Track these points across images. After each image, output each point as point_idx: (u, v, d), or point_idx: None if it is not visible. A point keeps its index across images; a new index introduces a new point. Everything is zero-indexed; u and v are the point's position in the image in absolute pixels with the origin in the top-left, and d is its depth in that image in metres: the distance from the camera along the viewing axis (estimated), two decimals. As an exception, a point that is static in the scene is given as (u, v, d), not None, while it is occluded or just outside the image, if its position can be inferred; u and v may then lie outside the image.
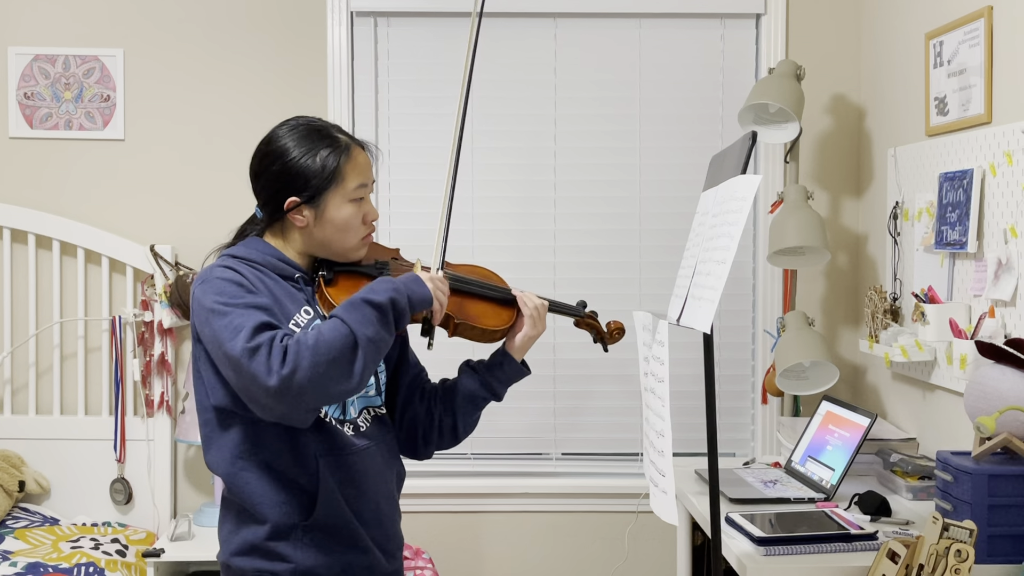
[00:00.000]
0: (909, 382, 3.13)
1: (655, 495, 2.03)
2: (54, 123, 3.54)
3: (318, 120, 2.06)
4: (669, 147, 3.61)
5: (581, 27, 3.60)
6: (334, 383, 1.81)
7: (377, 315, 1.86)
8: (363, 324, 1.84)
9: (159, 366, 3.48)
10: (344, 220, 1.99)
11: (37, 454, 3.49)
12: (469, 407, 2.15)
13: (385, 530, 2.07)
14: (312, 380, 1.78)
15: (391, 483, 2.11)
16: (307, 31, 3.57)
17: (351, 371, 1.82)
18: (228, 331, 1.82)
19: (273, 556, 1.95)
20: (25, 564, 2.97)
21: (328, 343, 1.80)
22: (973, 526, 2.01)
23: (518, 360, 2.16)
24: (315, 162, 1.97)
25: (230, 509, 2.01)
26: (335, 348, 1.80)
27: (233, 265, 1.96)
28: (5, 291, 3.51)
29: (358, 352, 1.82)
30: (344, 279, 2.05)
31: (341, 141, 2.01)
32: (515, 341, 2.15)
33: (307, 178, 1.97)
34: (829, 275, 3.60)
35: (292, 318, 1.96)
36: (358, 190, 2.00)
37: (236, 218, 3.64)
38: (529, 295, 2.16)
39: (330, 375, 1.79)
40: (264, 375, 1.77)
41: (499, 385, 2.16)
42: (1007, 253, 2.52)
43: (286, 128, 2.03)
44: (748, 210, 1.87)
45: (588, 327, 2.31)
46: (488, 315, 2.14)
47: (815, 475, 2.80)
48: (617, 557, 3.63)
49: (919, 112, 3.08)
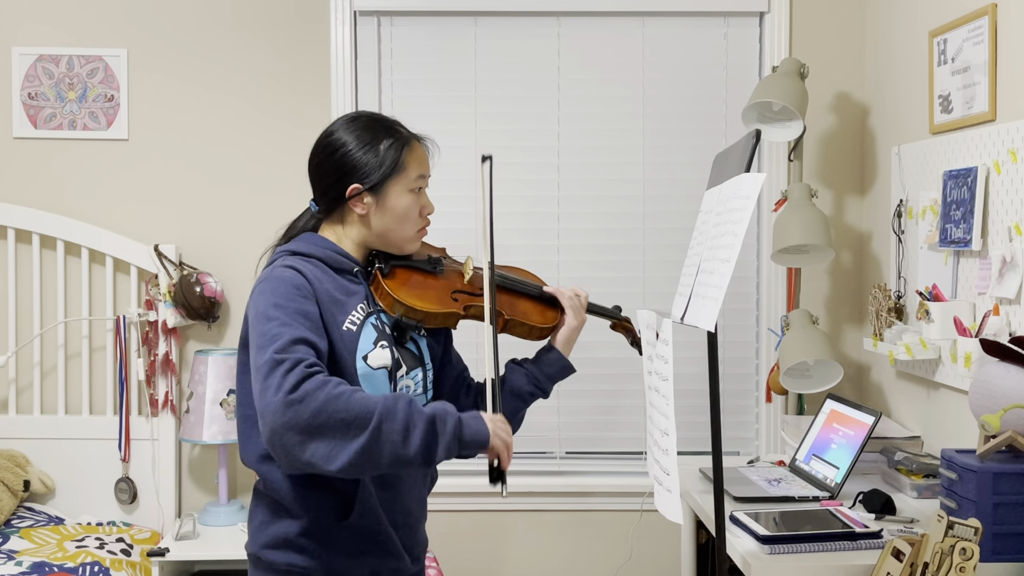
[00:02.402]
0: (913, 380, 3.12)
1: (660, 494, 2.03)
2: (58, 123, 3.54)
3: (377, 114, 2.09)
4: (673, 145, 3.61)
5: (584, 26, 3.60)
6: (321, 443, 1.74)
7: (412, 424, 1.78)
8: (392, 418, 1.77)
9: (163, 366, 3.48)
10: (404, 209, 2.02)
11: (42, 454, 3.50)
12: (517, 403, 2.17)
13: (414, 533, 2.09)
14: (308, 423, 1.73)
15: (423, 487, 2.12)
16: (310, 30, 3.57)
17: (344, 446, 1.74)
18: (266, 338, 1.82)
19: (305, 552, 1.96)
20: (30, 563, 2.98)
21: (348, 404, 1.76)
22: (978, 524, 2.01)
23: (565, 355, 2.20)
24: (378, 151, 2.00)
25: (262, 501, 2.01)
26: (351, 413, 1.75)
27: (294, 264, 1.96)
28: (10, 291, 3.52)
29: (365, 433, 1.75)
30: (401, 272, 2.08)
31: (402, 132, 2.05)
32: (560, 336, 2.20)
33: (370, 166, 2.00)
34: (833, 273, 3.60)
35: (348, 314, 1.96)
36: (418, 180, 2.03)
37: (240, 217, 3.65)
38: (563, 287, 2.25)
39: (324, 431, 1.74)
40: (274, 388, 1.75)
41: (546, 381, 2.18)
42: (1011, 251, 2.52)
43: (346, 119, 2.06)
44: (752, 208, 1.87)
45: (624, 331, 2.37)
46: (535, 313, 2.19)
47: (819, 473, 2.80)
48: (621, 555, 3.63)
49: (923, 110, 3.08)
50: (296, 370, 1.76)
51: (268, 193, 3.56)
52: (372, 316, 1.99)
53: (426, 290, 2.07)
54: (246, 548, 2.05)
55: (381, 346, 1.97)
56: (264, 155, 3.57)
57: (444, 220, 3.06)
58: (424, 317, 2.04)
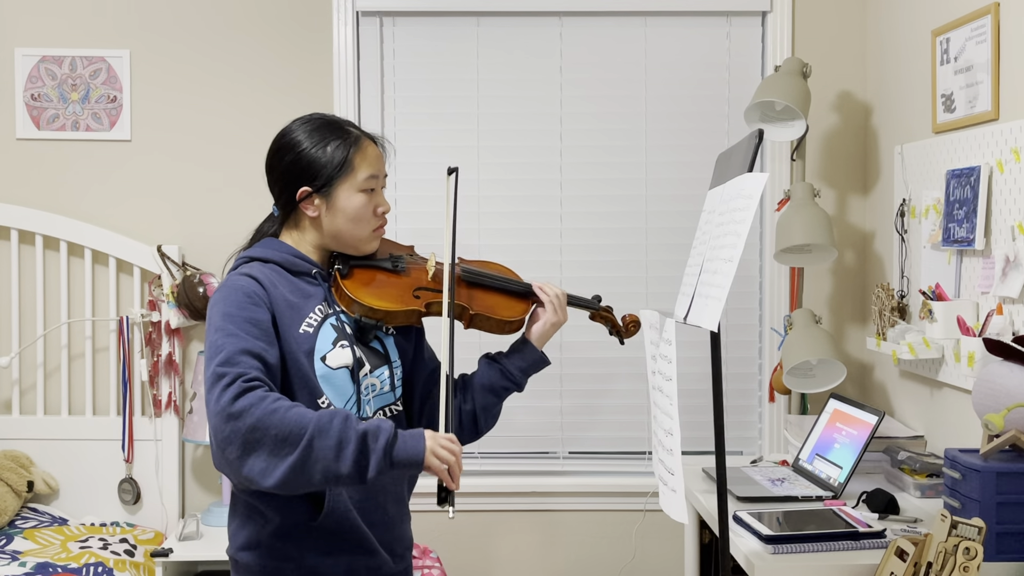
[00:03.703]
0: (917, 380, 3.12)
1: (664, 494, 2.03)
2: (61, 124, 3.55)
3: (330, 115, 2.09)
4: (675, 145, 3.61)
5: (586, 26, 3.60)
6: (258, 459, 1.76)
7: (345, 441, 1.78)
8: (325, 435, 1.77)
9: (166, 366, 3.49)
10: (355, 210, 2.02)
11: (45, 454, 3.50)
12: (490, 398, 2.16)
13: (393, 532, 2.08)
14: (244, 438, 1.76)
15: (401, 486, 2.12)
16: (313, 31, 3.57)
17: (277, 462, 1.76)
18: (212, 350, 1.86)
19: (278, 554, 1.97)
20: (34, 564, 2.98)
21: (282, 421, 1.76)
22: (981, 523, 2.01)
23: (539, 348, 2.19)
24: (325, 152, 2.01)
25: (238, 504, 2.03)
26: (284, 429, 1.76)
27: (248, 271, 1.98)
28: (13, 292, 3.52)
29: (297, 449, 1.76)
30: (360, 272, 2.08)
31: (351, 133, 2.05)
32: (535, 329, 2.19)
33: (318, 168, 2.01)
34: (836, 273, 3.60)
35: (305, 317, 1.98)
36: (368, 181, 2.03)
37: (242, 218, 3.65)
38: (547, 284, 2.22)
39: (259, 447, 1.76)
40: (214, 401, 1.79)
41: (519, 373, 2.17)
42: (1015, 250, 2.52)
43: (299, 123, 2.07)
44: (755, 208, 1.87)
45: (604, 320, 2.35)
46: (503, 306, 2.18)
47: (823, 473, 2.80)
48: (625, 555, 3.63)
49: (926, 109, 3.07)
50: (235, 385, 1.79)
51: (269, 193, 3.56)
52: (331, 317, 2.00)
53: (385, 289, 2.07)
54: (227, 552, 2.06)
55: (341, 346, 1.98)
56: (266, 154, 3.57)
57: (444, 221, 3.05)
58: (384, 316, 2.04)
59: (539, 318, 2.20)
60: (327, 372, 1.97)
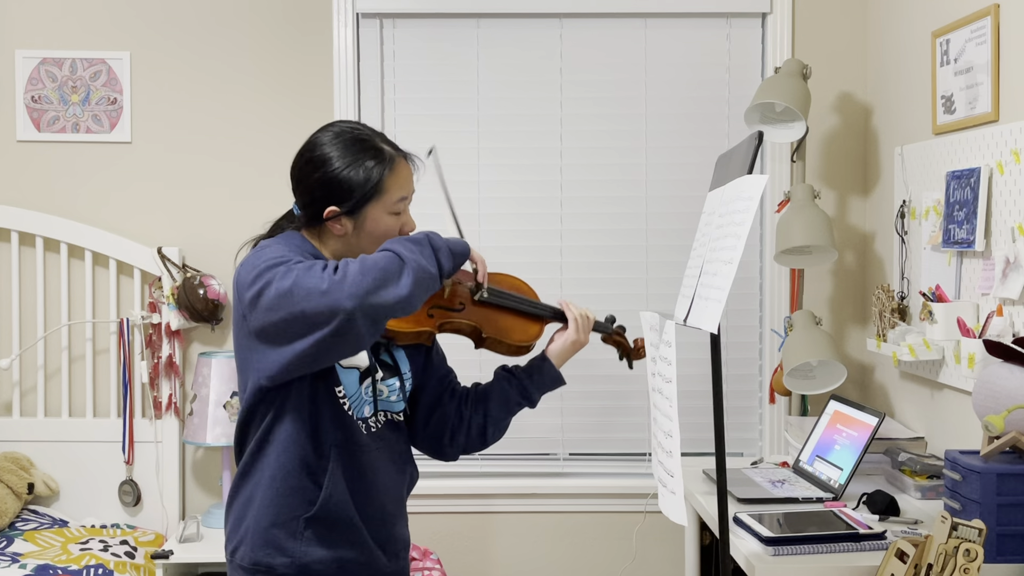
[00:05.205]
0: (917, 381, 3.12)
1: (664, 495, 2.03)
2: (61, 126, 3.55)
3: (361, 128, 2.03)
4: (675, 147, 3.61)
5: (587, 27, 3.60)
6: (384, 289, 1.80)
7: (415, 245, 1.89)
8: (405, 249, 1.87)
9: (167, 368, 3.49)
10: (383, 232, 2.00)
11: (46, 456, 3.50)
12: (502, 411, 2.15)
13: (388, 531, 2.08)
14: (362, 285, 1.78)
15: (401, 487, 2.12)
16: (313, 33, 3.57)
17: (399, 282, 1.82)
18: (274, 272, 1.82)
19: (272, 546, 1.97)
20: (35, 566, 2.98)
21: (374, 259, 1.83)
22: (982, 525, 2.01)
23: (557, 367, 2.17)
24: (358, 174, 1.96)
25: (235, 499, 2.03)
26: (381, 261, 1.83)
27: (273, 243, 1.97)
28: (13, 294, 3.52)
29: (405, 268, 1.83)
30: None
31: (385, 153, 2.00)
32: (555, 347, 2.18)
33: (349, 189, 1.95)
34: (836, 274, 3.59)
35: None
36: (398, 203, 2.00)
37: (243, 219, 3.65)
38: (575, 304, 2.21)
39: (379, 281, 1.80)
40: (316, 281, 1.78)
41: (535, 391, 2.16)
42: (1015, 251, 2.52)
43: (330, 135, 2.01)
44: (755, 209, 1.87)
45: (615, 344, 2.34)
46: (517, 329, 2.15)
47: (823, 474, 2.80)
48: (625, 557, 3.63)
49: (926, 110, 3.07)
50: (319, 264, 1.83)
51: (270, 195, 3.56)
52: None
53: None
54: (224, 549, 2.07)
55: None
56: (267, 156, 3.57)
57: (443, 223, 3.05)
58: (394, 336, 2.03)
59: (560, 336, 2.19)
60: (340, 369, 1.97)
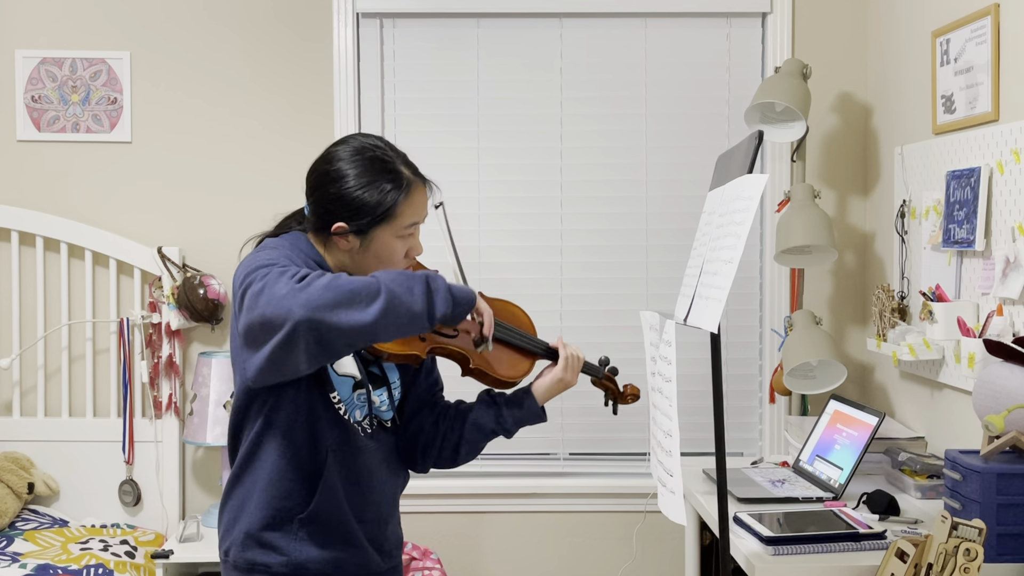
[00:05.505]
0: (917, 381, 3.12)
1: (663, 495, 2.03)
2: (61, 126, 3.55)
3: (383, 146, 2.00)
4: (675, 146, 3.61)
5: (587, 27, 3.60)
6: (343, 310, 1.70)
7: (407, 280, 1.78)
8: (392, 280, 1.76)
9: (167, 368, 3.49)
10: (388, 255, 1.98)
11: (46, 456, 3.50)
12: (477, 435, 2.13)
13: (383, 530, 2.08)
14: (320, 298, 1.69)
15: (395, 487, 2.13)
16: (313, 32, 3.57)
17: (365, 308, 1.71)
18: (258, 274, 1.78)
19: (267, 547, 1.97)
20: (35, 566, 2.98)
21: (351, 280, 1.74)
22: (982, 525, 2.01)
23: (540, 403, 2.14)
24: (373, 196, 1.93)
25: (229, 499, 2.03)
26: (357, 283, 1.73)
27: (275, 244, 1.96)
28: (14, 294, 3.52)
29: (379, 297, 1.72)
30: None
31: (404, 177, 1.97)
32: (541, 383, 2.15)
33: (362, 210, 1.93)
34: (836, 274, 3.59)
35: None
36: (409, 228, 1.98)
37: (243, 219, 3.65)
38: (569, 344, 2.18)
39: (341, 301, 1.70)
40: (280, 287, 1.71)
41: (513, 424, 2.14)
42: (1015, 251, 2.52)
43: (350, 150, 1.98)
44: (755, 209, 1.87)
45: (604, 388, 2.31)
46: (506, 364, 2.13)
47: (823, 474, 2.80)
48: (625, 557, 3.63)
49: (926, 110, 3.07)
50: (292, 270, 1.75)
51: (270, 195, 3.56)
52: None
53: None
54: (218, 549, 2.07)
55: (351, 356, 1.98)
56: (267, 156, 3.57)
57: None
58: (381, 354, 2.00)
59: (549, 372, 2.16)
60: (334, 376, 1.98)
